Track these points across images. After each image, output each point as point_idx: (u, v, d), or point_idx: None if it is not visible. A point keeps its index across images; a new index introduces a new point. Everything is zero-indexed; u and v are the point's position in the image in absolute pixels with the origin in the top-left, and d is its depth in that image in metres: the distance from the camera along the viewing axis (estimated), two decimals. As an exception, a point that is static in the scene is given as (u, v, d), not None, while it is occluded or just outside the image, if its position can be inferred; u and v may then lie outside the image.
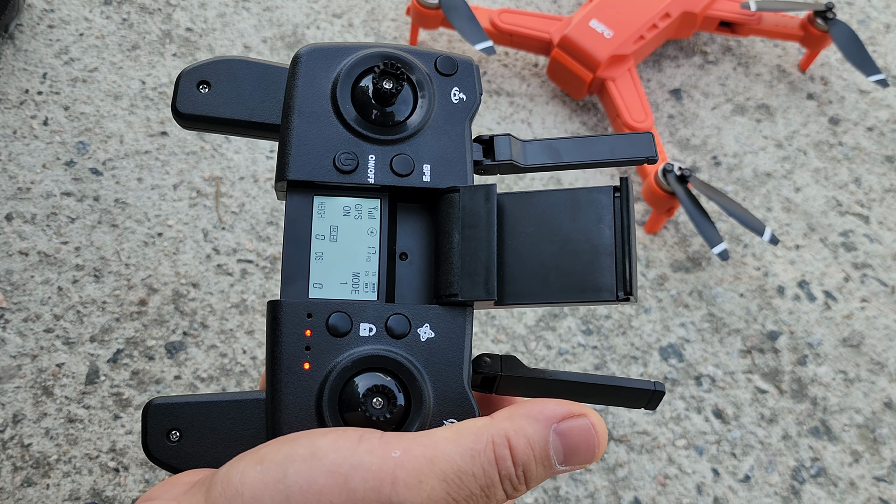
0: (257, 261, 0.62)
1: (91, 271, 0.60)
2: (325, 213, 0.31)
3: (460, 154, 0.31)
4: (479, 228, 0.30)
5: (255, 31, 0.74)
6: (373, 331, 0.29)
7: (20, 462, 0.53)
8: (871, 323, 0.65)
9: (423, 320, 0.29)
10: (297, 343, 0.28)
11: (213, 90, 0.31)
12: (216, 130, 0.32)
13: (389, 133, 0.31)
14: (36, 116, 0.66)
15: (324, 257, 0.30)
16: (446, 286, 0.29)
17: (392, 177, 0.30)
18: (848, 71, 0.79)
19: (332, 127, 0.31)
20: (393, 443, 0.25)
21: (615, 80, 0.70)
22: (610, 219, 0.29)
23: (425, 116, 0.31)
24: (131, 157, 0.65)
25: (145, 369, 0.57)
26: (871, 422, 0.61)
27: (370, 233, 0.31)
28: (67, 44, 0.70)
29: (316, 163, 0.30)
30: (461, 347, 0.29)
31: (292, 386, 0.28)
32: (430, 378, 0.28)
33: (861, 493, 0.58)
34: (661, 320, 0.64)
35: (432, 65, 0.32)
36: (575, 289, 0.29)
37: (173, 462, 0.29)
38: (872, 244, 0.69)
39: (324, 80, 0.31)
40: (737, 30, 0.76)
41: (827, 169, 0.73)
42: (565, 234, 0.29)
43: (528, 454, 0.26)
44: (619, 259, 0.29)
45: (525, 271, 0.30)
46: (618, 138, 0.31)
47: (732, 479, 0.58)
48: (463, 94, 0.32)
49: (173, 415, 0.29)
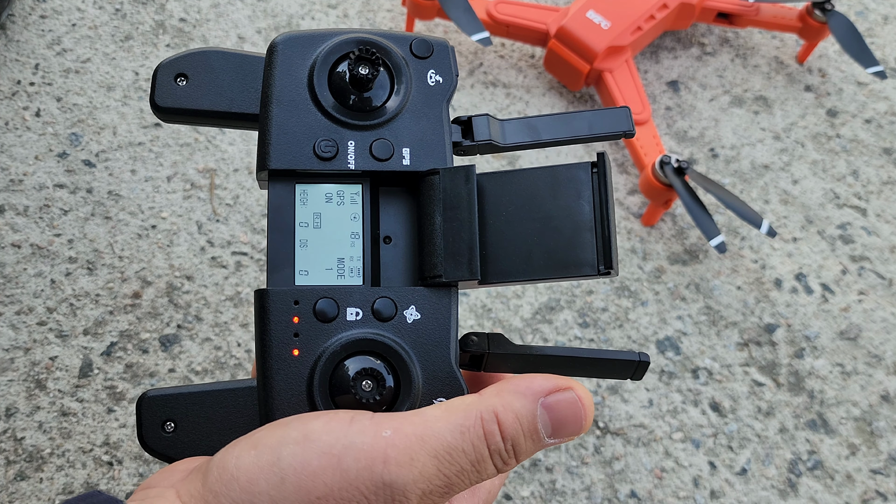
0: (252, 253, 0.62)
1: (84, 264, 0.60)
2: (308, 201, 0.31)
3: (439, 136, 0.31)
4: (460, 209, 0.30)
5: (250, 22, 0.73)
6: (360, 315, 0.29)
7: (13, 456, 0.53)
8: (869, 316, 0.65)
9: (408, 302, 0.29)
10: (286, 330, 0.29)
11: (190, 82, 0.31)
12: (196, 122, 0.32)
13: (368, 118, 0.31)
14: (28, 108, 0.66)
15: (308, 244, 0.30)
16: (430, 268, 0.30)
17: (372, 162, 0.31)
18: (846, 63, 0.78)
19: (311, 115, 0.31)
20: (384, 422, 0.25)
21: (612, 72, 0.70)
22: (589, 194, 0.29)
23: (402, 100, 0.31)
24: (125, 149, 0.65)
25: (139, 362, 0.57)
26: (868, 415, 0.61)
27: (353, 218, 0.31)
28: (60, 34, 0.69)
29: (296, 151, 0.30)
30: (447, 327, 0.29)
31: (282, 372, 0.28)
32: (418, 359, 0.29)
33: (858, 485, 0.58)
34: (657, 313, 0.63)
35: (407, 48, 0.32)
36: (557, 265, 0.29)
37: (169, 452, 0.29)
38: (870, 237, 0.69)
39: (300, 68, 0.31)
40: (735, 21, 0.76)
41: (825, 161, 0.73)
42: (546, 211, 0.30)
43: (517, 428, 0.26)
44: (598, 234, 0.29)
45: (508, 250, 0.30)
46: (595, 114, 0.32)
47: (729, 472, 0.58)
48: (439, 76, 0.32)
49: (167, 406, 0.30)
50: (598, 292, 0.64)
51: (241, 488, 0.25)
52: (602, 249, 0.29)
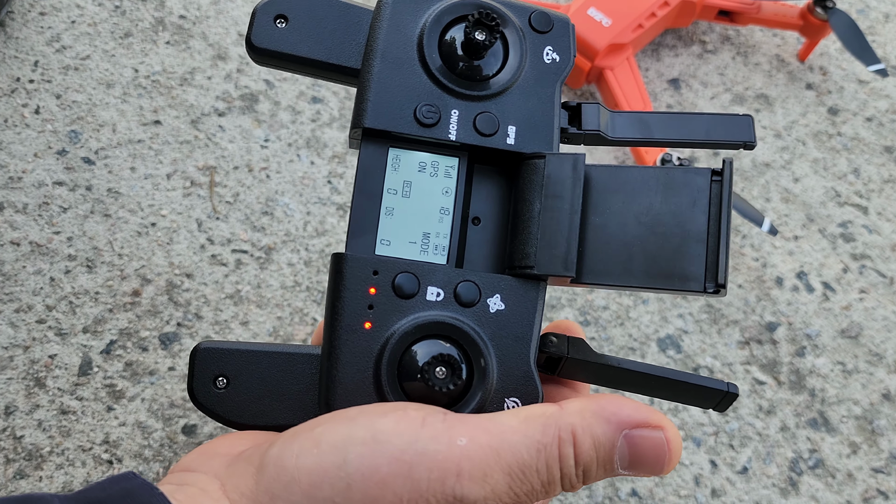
0: (252, 251, 0.62)
1: (84, 261, 0.60)
2: (400, 168, 0.29)
3: (548, 118, 0.29)
4: (562, 199, 0.27)
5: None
6: (440, 296, 0.27)
7: (12, 454, 0.53)
8: (870, 314, 0.65)
9: (493, 290, 0.27)
10: (361, 300, 0.27)
11: (290, 25, 0.30)
12: (290, 69, 0.30)
13: (476, 88, 0.29)
14: (27, 105, 0.65)
15: (394, 213, 0.28)
16: (521, 257, 0.28)
17: (475, 135, 0.29)
18: (847, 61, 0.78)
19: (416, 76, 0.29)
20: (458, 428, 0.24)
21: (613, 69, 0.70)
22: (705, 203, 0.27)
23: (514, 74, 0.29)
24: (124, 146, 0.65)
25: (139, 360, 0.57)
26: (870, 413, 0.61)
27: (445, 192, 0.29)
28: (59, 31, 0.69)
29: (395, 112, 0.28)
30: (531, 324, 0.27)
31: (351, 345, 0.27)
32: (495, 352, 0.27)
33: (859, 484, 0.58)
34: (658, 311, 0.63)
35: (526, 20, 0.30)
36: (660, 274, 0.27)
37: (217, 409, 0.28)
38: (871, 235, 0.69)
39: (411, 26, 0.29)
40: (736, 19, 0.76)
41: (826, 159, 0.73)
42: (654, 214, 0.27)
43: (591, 456, 0.24)
44: (711, 247, 0.26)
45: (607, 250, 0.27)
46: (715, 119, 0.29)
47: (730, 471, 0.58)
48: (556, 54, 0.30)
49: (222, 360, 0.28)
50: (600, 290, 0.64)
51: (302, 492, 0.23)
52: (713, 265, 0.26)
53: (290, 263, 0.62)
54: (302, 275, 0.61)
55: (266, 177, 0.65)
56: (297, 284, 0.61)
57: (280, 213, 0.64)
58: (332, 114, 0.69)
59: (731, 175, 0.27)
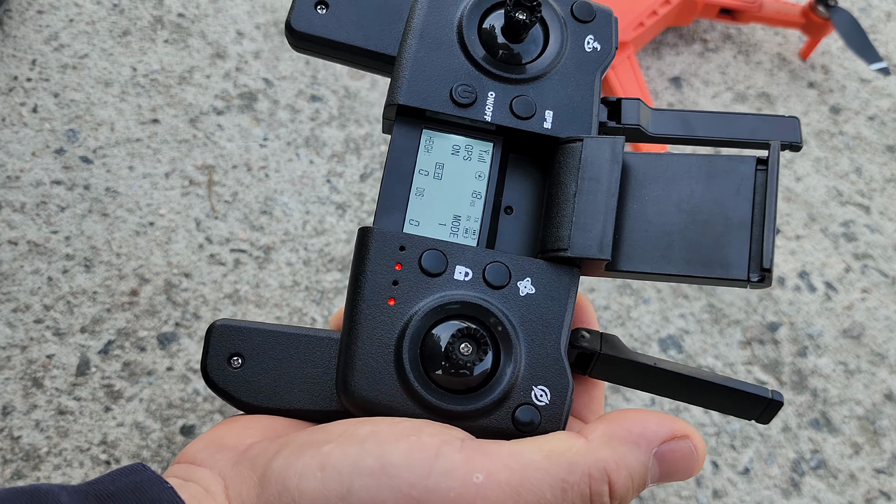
0: (251, 250, 0.61)
1: (81, 261, 0.59)
2: (433, 149, 0.28)
3: (587, 105, 0.28)
4: (599, 182, 0.26)
5: (249, 17, 0.72)
6: (469, 276, 0.26)
7: (10, 455, 0.52)
8: (872, 314, 0.65)
9: (524, 273, 0.26)
10: (385, 275, 0.26)
11: (330, 11, 0.30)
12: (328, 55, 0.30)
13: (514, 72, 0.29)
14: (25, 103, 0.65)
15: (425, 194, 0.28)
16: (555, 240, 0.27)
17: (510, 118, 0.28)
18: (849, 59, 0.78)
19: (454, 57, 0.29)
20: (475, 461, 0.22)
21: (614, 68, 0.69)
22: (749, 191, 0.26)
23: (554, 60, 0.29)
24: (122, 145, 0.64)
25: (137, 360, 0.56)
26: (872, 413, 0.61)
27: (478, 176, 0.28)
28: (57, 29, 0.69)
29: (431, 91, 0.28)
30: (562, 310, 0.26)
31: (373, 320, 0.25)
32: (524, 337, 0.26)
33: (861, 485, 0.58)
34: (660, 311, 0.63)
35: (569, 8, 0.30)
36: (700, 262, 0.25)
37: (230, 388, 0.27)
38: (873, 234, 0.69)
39: (451, 9, 0.29)
40: (737, 17, 0.75)
41: (828, 158, 0.72)
42: (696, 202, 0.26)
43: (628, 487, 0.23)
44: (755, 235, 0.25)
45: (646, 237, 0.26)
46: (760, 119, 0.28)
47: (732, 472, 0.57)
48: (598, 43, 0.29)
49: (239, 338, 0.27)
50: (601, 290, 0.64)
51: None
52: (757, 252, 0.25)
53: (289, 263, 0.61)
54: (301, 274, 0.61)
55: (265, 176, 0.65)
56: (296, 284, 0.61)
57: (279, 212, 0.63)
58: (332, 112, 0.68)
59: (777, 162, 0.26)
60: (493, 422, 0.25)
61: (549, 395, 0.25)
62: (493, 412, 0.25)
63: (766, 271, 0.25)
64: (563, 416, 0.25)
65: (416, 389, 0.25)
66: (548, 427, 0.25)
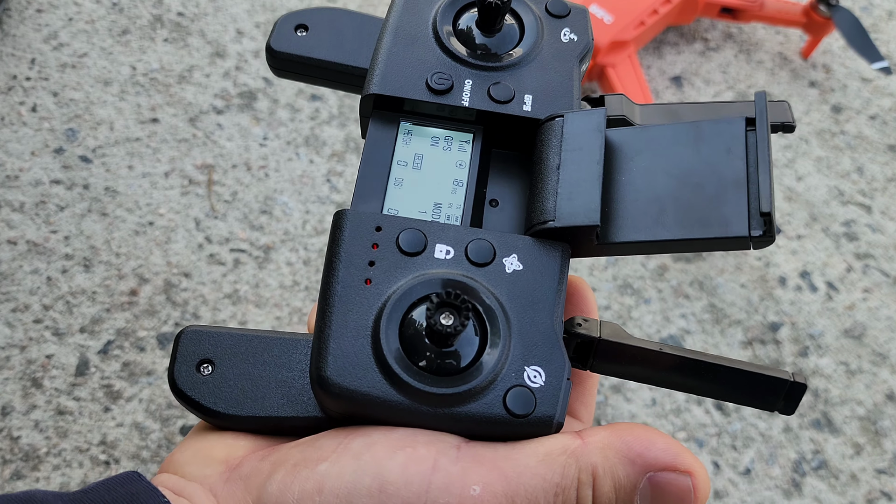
0: (250, 250, 0.61)
1: (81, 261, 0.59)
2: (411, 141, 0.28)
3: (567, 88, 0.28)
4: (582, 151, 0.26)
5: (248, 16, 0.72)
6: (450, 254, 0.25)
7: (9, 455, 0.52)
8: (874, 314, 0.65)
9: (510, 250, 0.25)
10: (361, 255, 0.25)
11: (310, 33, 0.30)
12: (308, 76, 0.30)
13: (491, 59, 0.28)
14: (24, 103, 0.65)
15: (403, 184, 0.27)
16: (540, 213, 0.25)
17: (489, 102, 0.27)
18: (850, 58, 0.78)
19: (429, 50, 0.28)
20: (471, 472, 0.22)
21: (615, 67, 0.69)
22: (741, 149, 0.25)
23: (531, 50, 0.29)
24: (122, 145, 0.64)
25: (136, 360, 0.56)
26: (873, 414, 0.60)
27: (458, 165, 0.27)
28: (56, 28, 0.69)
29: (406, 80, 0.28)
30: (553, 286, 0.25)
31: (348, 302, 0.24)
32: (512, 315, 0.24)
33: (862, 485, 0.58)
34: (661, 311, 0.63)
35: (543, 6, 0.30)
36: (697, 223, 0.24)
37: (199, 397, 0.25)
38: (875, 234, 0.68)
39: (426, 9, 0.29)
40: (738, 16, 0.75)
41: (829, 158, 0.72)
42: (686, 166, 0.25)
43: (611, 498, 0.23)
44: (751, 191, 0.24)
45: (636, 206, 0.25)
46: (749, 105, 0.28)
47: (733, 472, 0.57)
48: (574, 34, 0.29)
49: (208, 344, 0.26)
50: (601, 290, 0.63)
51: None
52: (756, 208, 0.24)
53: (289, 263, 0.61)
54: (301, 274, 0.61)
55: (265, 175, 0.65)
56: (296, 284, 0.60)
57: (279, 211, 0.63)
58: (332, 111, 0.68)
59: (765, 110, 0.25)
60: (484, 407, 0.23)
61: (543, 376, 0.24)
62: (482, 395, 0.23)
63: (767, 216, 0.23)
64: (561, 398, 0.23)
65: (397, 373, 0.23)
66: (544, 411, 0.23)
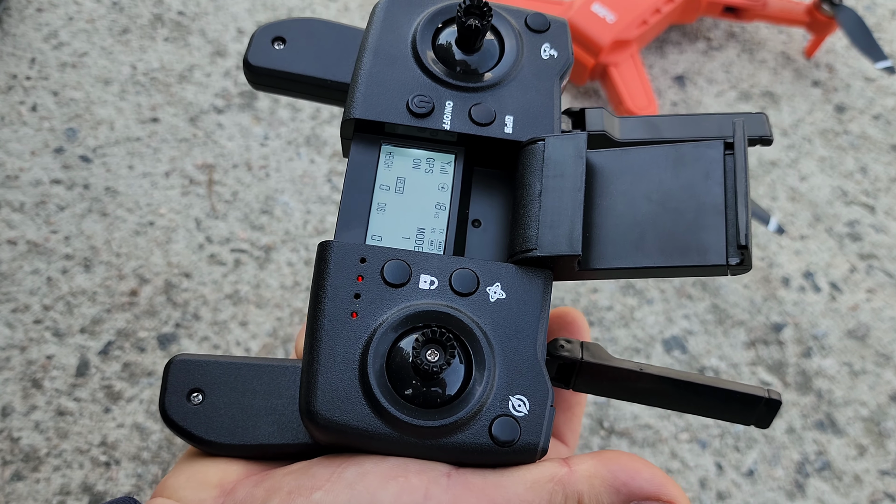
0: (251, 250, 0.61)
1: (81, 261, 0.59)
2: (393, 164, 0.28)
3: (547, 109, 0.28)
4: (563, 178, 0.26)
5: (249, 15, 0.72)
6: (434, 284, 0.25)
7: (9, 456, 0.52)
8: (878, 314, 0.64)
9: (493, 278, 0.25)
10: (346, 288, 0.25)
11: (288, 46, 0.30)
12: (285, 90, 0.30)
13: (471, 80, 0.28)
14: (24, 102, 0.65)
15: (386, 209, 0.27)
16: (522, 241, 0.26)
17: (470, 125, 0.28)
18: (854, 58, 0.77)
19: (409, 70, 0.28)
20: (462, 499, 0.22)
21: (617, 66, 0.69)
22: (720, 175, 0.25)
23: (511, 68, 0.29)
24: (122, 144, 0.64)
25: (137, 361, 0.56)
26: (877, 415, 0.60)
27: (441, 188, 0.28)
28: (56, 27, 0.68)
29: (387, 103, 0.28)
30: (536, 314, 0.25)
31: (335, 336, 0.24)
32: (496, 344, 0.24)
33: (866, 486, 0.57)
34: (663, 312, 0.63)
35: (522, 21, 0.30)
36: (675, 250, 0.24)
37: (190, 426, 0.25)
38: (878, 234, 0.68)
39: (405, 27, 0.29)
40: (741, 15, 0.75)
41: (832, 158, 0.72)
42: (666, 191, 0.25)
43: None
44: (729, 217, 0.24)
45: (617, 232, 0.25)
46: (727, 117, 0.28)
47: (736, 473, 0.57)
48: (554, 50, 0.29)
49: (198, 373, 0.26)
50: (604, 290, 0.63)
51: None
52: (734, 236, 0.24)
53: (290, 263, 0.61)
54: (302, 274, 0.61)
55: (265, 175, 0.64)
56: (297, 284, 0.60)
57: (279, 211, 0.63)
58: (332, 111, 0.68)
59: (743, 143, 0.25)
60: (470, 437, 0.24)
61: (527, 405, 0.24)
62: (468, 426, 0.24)
63: (744, 249, 0.24)
64: (544, 426, 0.24)
65: (384, 406, 0.23)
66: (528, 439, 0.24)
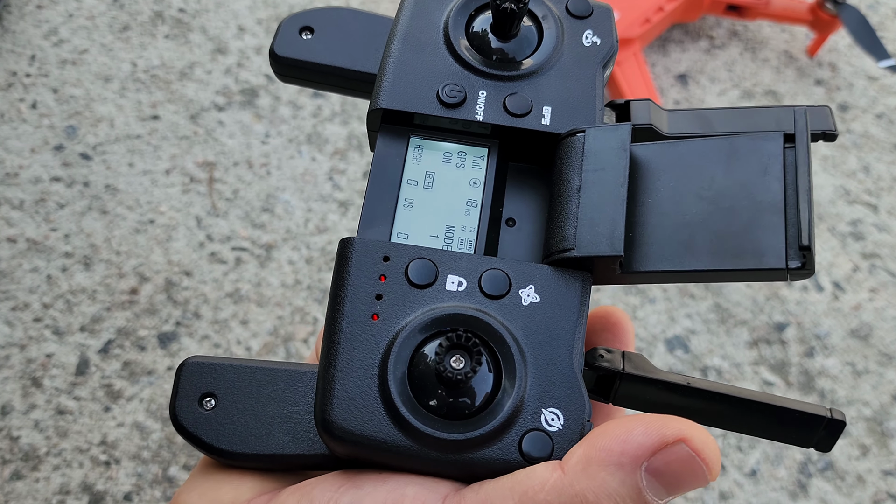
0: (252, 248, 0.61)
1: (81, 259, 0.59)
2: (422, 158, 0.26)
3: (589, 99, 0.26)
4: (605, 171, 0.24)
5: (250, 12, 0.72)
6: (462, 285, 0.23)
7: (9, 455, 0.52)
8: (880, 314, 0.64)
9: (526, 280, 0.23)
10: (368, 289, 0.23)
11: (315, 36, 0.29)
12: (313, 81, 0.29)
13: (506, 68, 0.27)
14: (24, 99, 0.64)
15: (413, 205, 0.25)
16: (559, 240, 0.24)
17: (504, 116, 0.26)
18: (856, 57, 0.77)
19: (440, 58, 0.27)
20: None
21: (621, 65, 0.69)
22: (779, 170, 0.23)
23: (550, 56, 0.27)
24: (122, 142, 0.64)
25: (137, 360, 0.56)
26: (880, 415, 0.60)
27: (472, 184, 0.26)
28: (56, 24, 0.68)
29: (416, 92, 0.26)
30: (573, 320, 0.23)
31: (354, 340, 0.23)
32: (529, 352, 0.23)
33: (869, 487, 0.57)
34: (666, 311, 0.62)
35: (563, 6, 0.28)
36: (729, 252, 0.22)
37: (201, 433, 0.24)
38: (881, 234, 0.68)
39: (436, 12, 0.28)
40: (744, 13, 0.74)
41: (835, 157, 0.72)
42: (717, 188, 0.23)
43: None
44: (790, 217, 0.22)
45: (663, 232, 0.23)
46: (785, 111, 0.26)
47: (739, 473, 0.57)
48: (597, 37, 0.27)
49: (211, 377, 0.25)
50: (605, 290, 0.63)
51: None
52: (794, 237, 0.22)
53: (291, 261, 0.61)
54: (303, 273, 0.60)
55: (266, 173, 0.64)
56: (298, 283, 0.60)
57: (280, 209, 0.63)
58: (334, 109, 0.68)
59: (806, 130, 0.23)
60: (498, 452, 0.22)
61: (561, 419, 0.22)
62: (496, 440, 0.22)
63: (806, 250, 0.21)
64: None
65: (405, 417, 0.22)
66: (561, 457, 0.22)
